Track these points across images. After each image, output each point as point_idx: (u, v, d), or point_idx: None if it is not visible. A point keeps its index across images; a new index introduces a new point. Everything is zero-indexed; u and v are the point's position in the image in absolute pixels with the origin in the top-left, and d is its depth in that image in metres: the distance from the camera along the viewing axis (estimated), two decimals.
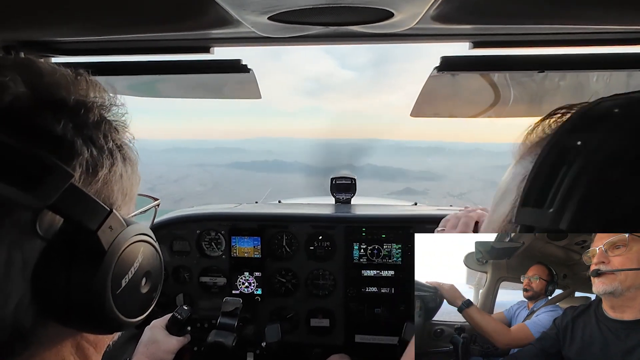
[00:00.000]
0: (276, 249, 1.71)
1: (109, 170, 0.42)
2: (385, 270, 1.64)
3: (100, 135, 0.42)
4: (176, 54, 1.03)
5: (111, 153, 0.43)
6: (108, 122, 0.44)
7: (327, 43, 1.00)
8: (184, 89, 1.28)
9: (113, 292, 0.39)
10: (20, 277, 0.35)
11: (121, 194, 0.44)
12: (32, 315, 0.36)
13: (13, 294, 0.35)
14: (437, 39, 0.96)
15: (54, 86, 0.40)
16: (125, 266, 0.41)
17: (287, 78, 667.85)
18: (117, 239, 0.40)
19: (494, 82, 1.05)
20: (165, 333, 1.37)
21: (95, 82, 0.44)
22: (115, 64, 1.05)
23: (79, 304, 0.37)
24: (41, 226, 0.35)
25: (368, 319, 1.66)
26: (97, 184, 0.40)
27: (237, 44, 1.00)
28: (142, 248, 0.44)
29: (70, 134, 0.38)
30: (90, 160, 0.39)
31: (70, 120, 0.38)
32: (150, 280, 0.45)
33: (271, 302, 1.73)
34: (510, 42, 0.95)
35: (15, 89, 0.36)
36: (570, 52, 0.96)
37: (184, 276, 1.75)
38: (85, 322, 0.39)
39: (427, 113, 1.24)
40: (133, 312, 0.43)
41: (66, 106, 0.39)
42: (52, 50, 1.01)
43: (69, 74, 0.42)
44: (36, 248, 0.36)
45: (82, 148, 0.39)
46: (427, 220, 1.65)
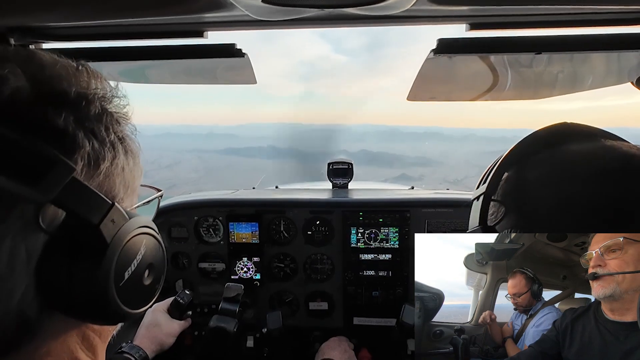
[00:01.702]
0: (274, 234, 1.72)
1: (110, 163, 0.42)
2: (382, 254, 1.66)
3: (102, 128, 0.41)
4: (169, 38, 1.01)
5: (113, 145, 0.42)
6: (110, 114, 0.44)
7: (322, 26, 0.98)
8: (177, 75, 1.26)
9: (116, 285, 0.39)
10: (24, 271, 0.35)
11: (123, 187, 0.45)
12: (37, 307, 0.37)
13: (17, 287, 0.35)
14: (433, 21, 0.94)
15: (55, 78, 0.39)
16: (128, 259, 0.41)
17: (282, 63, 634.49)
18: (119, 232, 0.40)
19: (492, 65, 1.04)
20: (167, 316, 1.39)
21: (97, 72, 0.44)
22: (106, 49, 1.03)
23: (82, 296, 0.38)
24: (44, 220, 0.35)
25: (366, 301, 1.69)
26: (99, 177, 0.41)
27: (231, 28, 0.98)
28: (144, 240, 0.44)
29: (71, 127, 0.38)
30: (92, 153, 0.39)
31: (71, 113, 0.38)
32: (153, 272, 0.46)
33: (270, 287, 1.75)
34: (508, 23, 0.93)
35: (15, 82, 0.36)
36: (568, 33, 0.95)
37: (183, 262, 1.76)
38: (89, 313, 0.40)
39: (424, 96, 1.23)
40: (136, 303, 0.44)
41: (67, 99, 0.39)
42: (42, 36, 0.99)
43: (70, 65, 0.42)
44: (39, 241, 0.36)
45: (83, 141, 0.38)
46: (424, 204, 1.66)
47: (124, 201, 0.45)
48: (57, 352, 0.40)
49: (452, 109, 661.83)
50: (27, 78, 0.37)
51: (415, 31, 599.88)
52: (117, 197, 0.43)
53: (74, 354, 0.42)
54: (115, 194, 0.43)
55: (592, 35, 0.94)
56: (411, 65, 1.44)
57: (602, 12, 0.88)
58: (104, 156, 0.41)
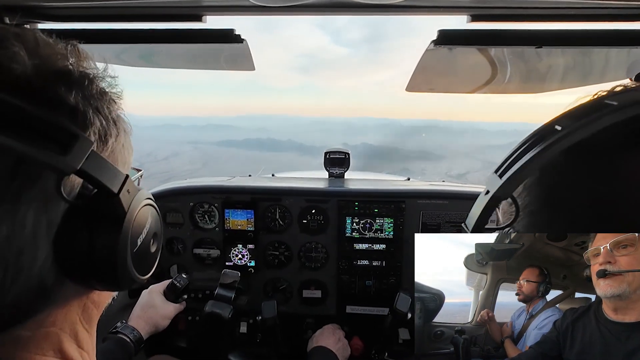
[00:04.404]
0: (269, 222, 1.73)
1: (115, 140, 0.44)
2: (377, 244, 1.67)
3: (105, 106, 0.43)
4: (167, 21, 0.99)
5: (115, 123, 0.44)
6: (106, 93, 0.45)
7: (322, 13, 0.97)
8: (175, 59, 1.25)
9: (131, 251, 0.42)
10: (45, 238, 0.37)
11: (122, 163, 0.46)
12: (54, 274, 0.38)
13: (39, 255, 0.36)
14: (434, 11, 0.93)
15: (59, 58, 0.40)
16: (140, 227, 0.44)
17: (281, 54, 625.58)
18: (133, 202, 0.42)
19: (492, 58, 1.04)
20: (162, 298, 1.41)
21: (86, 53, 0.45)
22: (103, 31, 1.02)
23: (101, 263, 0.40)
24: (65, 190, 0.36)
25: (359, 290, 1.71)
26: (106, 152, 0.43)
27: (230, 12, 0.96)
28: (150, 210, 0.47)
29: (82, 104, 0.39)
30: (101, 130, 0.42)
31: (80, 91, 0.39)
32: (156, 241, 0.49)
33: (264, 274, 1.76)
34: (510, 15, 0.93)
35: (25, 60, 0.36)
36: (570, 28, 0.94)
37: (178, 248, 1.77)
38: (104, 279, 0.41)
39: (423, 87, 1.22)
40: (145, 269, 0.46)
41: (73, 77, 0.40)
42: (38, 16, 0.97)
43: (64, 45, 0.42)
44: (60, 210, 0.38)
45: (94, 118, 0.40)
46: (419, 195, 1.67)
47: None
48: (60, 322, 0.42)
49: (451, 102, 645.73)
50: (34, 57, 0.37)
51: (415, 24, 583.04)
52: None
53: (73, 325, 0.43)
54: None
55: (593, 31, 0.93)
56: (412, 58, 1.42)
57: (605, 7, 0.87)
58: (110, 133, 0.43)
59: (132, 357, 1.20)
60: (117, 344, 1.18)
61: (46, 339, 0.40)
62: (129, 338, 1.20)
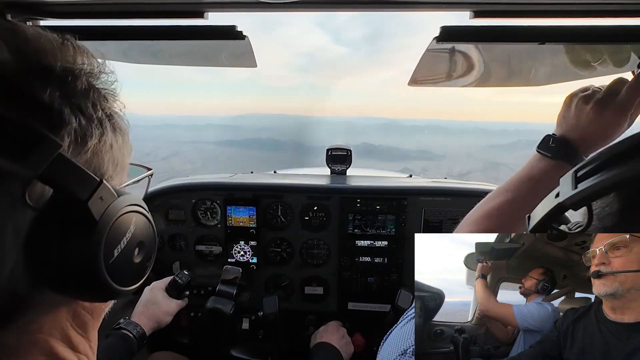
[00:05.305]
0: (271, 218, 1.73)
1: (98, 140, 0.41)
2: (378, 241, 1.67)
3: (89, 104, 0.41)
4: (169, 18, 0.99)
5: (100, 122, 0.42)
6: (97, 90, 0.43)
7: (324, 10, 0.96)
8: (177, 56, 1.25)
9: (106, 262, 0.39)
10: (12, 246, 0.35)
11: (112, 164, 0.44)
12: (26, 282, 0.37)
13: (7, 262, 0.35)
14: (436, 7, 0.93)
15: (40, 52, 0.38)
16: (118, 236, 0.41)
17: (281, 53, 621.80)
18: (108, 210, 0.39)
19: (494, 54, 1.04)
20: (164, 295, 1.41)
21: (83, 48, 0.43)
22: (104, 28, 1.02)
23: (72, 273, 0.38)
24: (31, 196, 0.35)
25: (361, 287, 1.71)
26: (86, 154, 0.40)
27: (232, 9, 0.96)
28: (134, 218, 0.43)
29: (57, 103, 0.37)
30: (79, 130, 0.39)
31: (57, 88, 0.37)
32: (143, 250, 0.46)
33: (266, 271, 1.77)
34: (513, 11, 0.92)
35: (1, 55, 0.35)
36: (573, 24, 0.94)
37: (180, 244, 1.78)
38: (80, 290, 0.40)
39: (425, 82, 1.22)
40: (127, 280, 0.43)
41: (53, 73, 0.38)
42: (38, 12, 0.97)
43: (55, 39, 0.40)
44: (27, 218, 0.35)
45: (70, 117, 0.38)
46: (421, 192, 1.67)
47: (113, 179, 0.45)
48: (48, 328, 0.40)
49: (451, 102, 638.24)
50: (10, 51, 0.36)
51: (415, 23, 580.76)
52: (105, 174, 0.43)
53: (64, 331, 0.42)
54: (104, 171, 0.43)
55: (597, 27, 0.93)
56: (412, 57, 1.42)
57: (609, 3, 0.87)
58: (92, 133, 0.40)
59: (135, 353, 1.20)
60: (120, 339, 1.19)
61: (35, 345, 0.39)
62: (132, 334, 1.21)
